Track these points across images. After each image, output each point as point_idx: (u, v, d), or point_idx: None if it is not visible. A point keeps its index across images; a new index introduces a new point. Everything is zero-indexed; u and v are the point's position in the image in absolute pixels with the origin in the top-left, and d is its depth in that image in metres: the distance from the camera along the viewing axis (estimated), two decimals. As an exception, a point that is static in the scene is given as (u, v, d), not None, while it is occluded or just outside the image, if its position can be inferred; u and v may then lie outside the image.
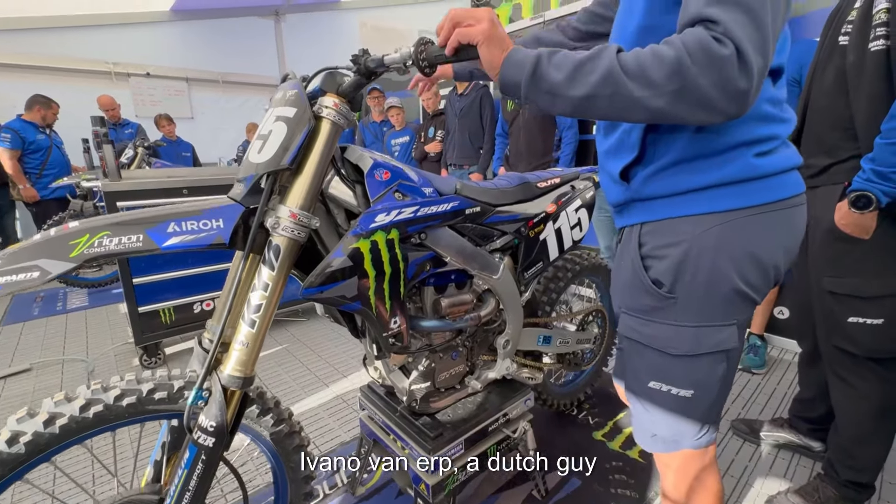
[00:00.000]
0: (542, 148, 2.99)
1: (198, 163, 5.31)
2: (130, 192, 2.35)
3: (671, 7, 0.65)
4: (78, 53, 5.01)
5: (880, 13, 1.11)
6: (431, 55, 0.75)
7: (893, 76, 1.09)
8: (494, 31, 0.68)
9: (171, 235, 0.81)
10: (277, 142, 0.85)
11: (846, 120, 1.21)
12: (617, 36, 0.75)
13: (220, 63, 5.94)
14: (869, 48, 1.14)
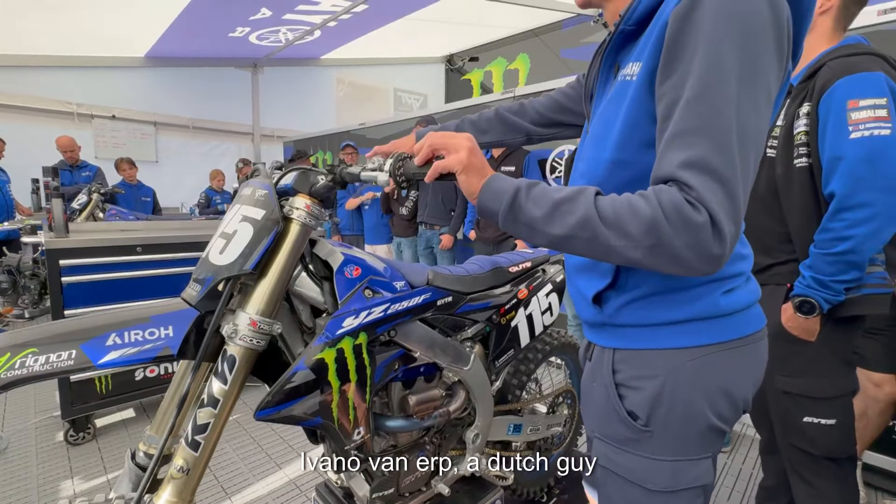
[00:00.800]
0: (510, 214, 3.06)
1: (157, 208, 5.10)
2: (77, 250, 2.18)
3: (644, 147, 0.67)
4: (40, 93, 4.85)
5: (800, 134, 1.21)
6: (409, 172, 0.74)
7: (818, 191, 1.18)
8: (472, 161, 0.68)
9: (111, 349, 0.72)
10: (241, 244, 0.80)
11: (781, 224, 1.29)
12: (590, 168, 0.76)
13: (191, 109, 5.88)
14: (794, 164, 1.23)
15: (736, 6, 0.56)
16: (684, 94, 0.57)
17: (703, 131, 0.55)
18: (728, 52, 0.56)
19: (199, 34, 5.01)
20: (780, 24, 0.59)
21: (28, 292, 3.04)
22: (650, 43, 0.64)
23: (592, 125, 0.77)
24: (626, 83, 0.68)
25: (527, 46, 7.30)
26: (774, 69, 0.59)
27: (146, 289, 2.41)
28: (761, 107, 0.58)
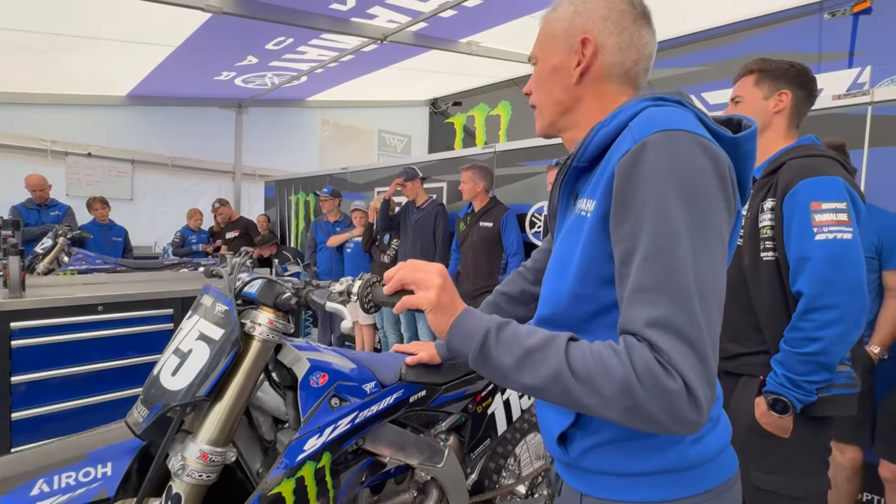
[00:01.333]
0: (487, 270, 3.06)
1: (129, 248, 4.93)
2: (32, 311, 2.06)
3: (602, 283, 0.66)
4: (13, 129, 4.73)
5: (766, 228, 1.25)
6: (378, 298, 0.71)
7: (786, 285, 1.20)
8: (441, 300, 0.65)
9: (37, 499, 0.64)
10: (196, 367, 0.74)
11: (750, 313, 1.30)
12: (551, 299, 0.74)
13: (171, 147, 5.82)
14: (761, 257, 1.26)
15: (677, 165, 0.57)
16: (639, 249, 0.57)
17: (662, 290, 0.55)
18: (676, 212, 0.56)
19: (184, 76, 5.03)
20: (722, 176, 0.60)
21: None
22: (601, 185, 0.64)
23: (554, 253, 0.77)
24: (583, 218, 0.68)
25: (508, 94, 7.56)
26: (724, 219, 0.60)
27: (104, 350, 2.28)
28: (717, 258, 0.58)
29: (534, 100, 0.80)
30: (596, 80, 0.73)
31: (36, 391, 2.11)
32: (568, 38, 0.73)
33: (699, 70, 5.13)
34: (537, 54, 0.78)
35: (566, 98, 0.75)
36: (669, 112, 0.62)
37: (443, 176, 3.87)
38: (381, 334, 4.08)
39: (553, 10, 0.78)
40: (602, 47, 0.71)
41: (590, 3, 0.73)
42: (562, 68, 0.73)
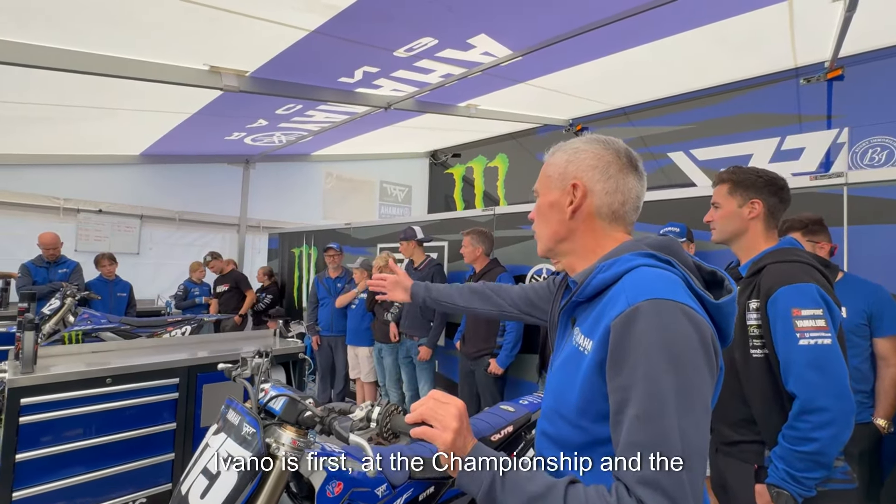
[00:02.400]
0: (485, 332, 3.12)
1: (133, 303, 4.98)
2: (39, 388, 2.09)
3: (600, 419, 0.73)
4: (27, 188, 4.91)
5: (753, 327, 1.33)
6: (397, 427, 0.77)
7: (777, 379, 1.26)
8: (455, 443, 0.72)
9: None
10: (224, 492, 0.79)
11: (744, 404, 1.35)
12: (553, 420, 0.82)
13: (178, 202, 6.00)
14: (751, 354, 1.33)
15: (665, 334, 0.66)
16: (631, 405, 0.65)
17: (653, 451, 0.62)
18: (664, 378, 0.64)
19: (195, 137, 5.27)
20: (705, 343, 0.68)
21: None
22: (598, 332, 0.73)
23: (554, 375, 0.86)
24: (580, 354, 0.77)
25: (505, 147, 7.87)
26: (707, 382, 0.68)
27: (113, 422, 2.30)
28: (701, 422, 0.66)
29: (534, 227, 0.94)
30: (587, 217, 0.85)
31: (41, 468, 2.10)
32: (562, 181, 0.87)
33: (689, 128, 5.41)
34: (538, 189, 0.92)
35: (562, 230, 0.87)
36: (660, 278, 0.72)
37: (444, 235, 3.99)
38: (383, 391, 4.06)
39: (552, 155, 0.93)
40: (591, 191, 0.84)
41: (581, 153, 0.87)
42: (557, 205, 0.87)
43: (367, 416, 0.81)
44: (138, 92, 3.45)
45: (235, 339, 3.34)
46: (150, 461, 2.43)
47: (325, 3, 2.24)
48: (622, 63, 3.94)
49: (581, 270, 0.84)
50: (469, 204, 8.40)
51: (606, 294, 0.75)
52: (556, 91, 4.79)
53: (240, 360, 1.09)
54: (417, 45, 2.97)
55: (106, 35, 2.56)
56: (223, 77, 3.13)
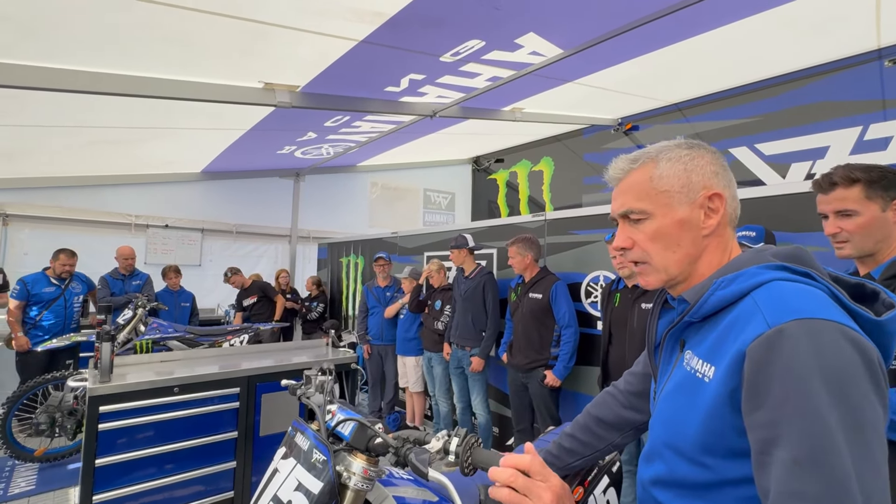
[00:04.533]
0: (538, 343, 2.97)
1: (195, 312, 5.26)
2: (115, 396, 2.21)
3: (731, 456, 0.63)
4: (104, 207, 5.32)
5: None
6: (479, 462, 0.70)
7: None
8: None
9: None
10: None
11: None
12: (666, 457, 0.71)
13: (235, 215, 6.30)
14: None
15: (823, 360, 0.54)
16: (783, 445, 0.54)
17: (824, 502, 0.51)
18: (827, 412, 0.53)
19: (250, 153, 5.51)
20: (873, 370, 0.56)
21: (64, 432, 3.06)
22: (726, 358, 0.63)
23: (663, 405, 0.76)
24: (698, 381, 0.67)
25: (550, 150, 7.68)
26: (880, 416, 0.55)
27: (179, 430, 2.38)
28: (880, 462, 0.53)
29: (642, 255, 0.79)
30: (721, 229, 0.76)
31: (117, 473, 2.20)
32: (689, 193, 0.75)
33: (752, 121, 5.02)
34: (646, 209, 0.77)
35: (694, 250, 0.76)
36: (803, 293, 0.61)
37: (492, 242, 3.90)
38: (433, 402, 4.01)
39: (642, 166, 0.79)
40: (725, 199, 0.76)
41: (697, 159, 0.77)
42: (689, 222, 0.75)
43: (444, 448, 0.74)
44: (197, 112, 3.64)
45: (290, 349, 3.41)
46: (214, 469, 2.50)
47: (373, 11, 2.25)
48: (675, 56, 3.70)
49: (691, 288, 0.74)
50: (513, 209, 8.26)
51: (729, 313, 0.66)
52: (604, 89, 4.59)
53: (304, 377, 1.06)
54: (464, 49, 2.92)
55: (166, 59, 2.70)
56: (276, 94, 3.23)
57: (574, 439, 1.04)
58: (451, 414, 3.88)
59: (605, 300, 2.60)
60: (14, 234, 4.85)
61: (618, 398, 1.04)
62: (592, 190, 7.00)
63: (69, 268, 4.17)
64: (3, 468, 3.53)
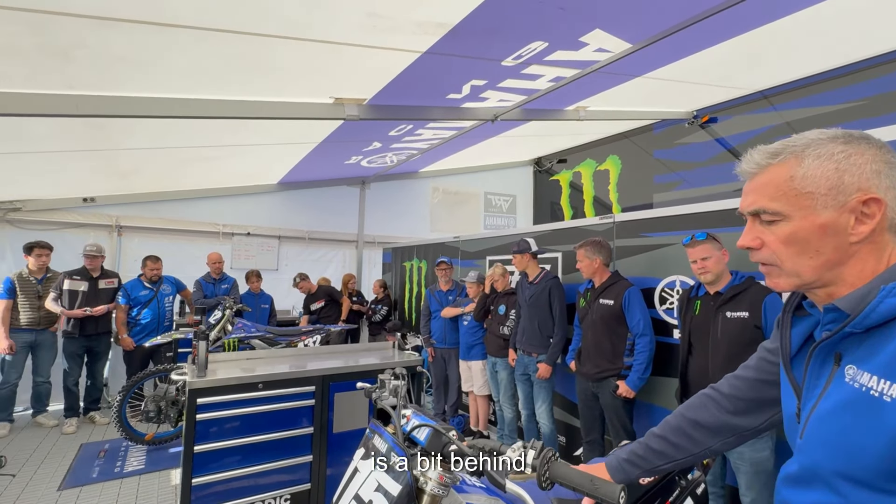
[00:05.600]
0: (609, 351, 2.83)
1: (273, 313, 5.67)
2: (210, 389, 2.44)
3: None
4: (194, 217, 5.92)
5: None
6: (556, 477, 0.69)
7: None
8: None
9: None
10: (376, 523, 0.79)
11: None
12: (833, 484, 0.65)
13: (307, 222, 6.72)
14: None
15: None
16: None
17: None
18: None
19: (321, 164, 5.85)
20: None
21: (168, 419, 3.45)
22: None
23: (819, 427, 0.69)
24: (874, 400, 0.61)
25: (616, 148, 7.35)
26: None
27: (262, 423, 2.58)
28: None
29: (770, 258, 0.73)
30: (876, 235, 0.68)
31: (211, 459, 2.43)
32: (838, 196, 0.68)
33: (856, 106, 4.47)
34: (782, 211, 0.71)
35: (837, 256, 0.69)
36: None
37: (557, 246, 3.81)
38: (497, 407, 3.98)
39: (782, 163, 0.72)
40: (884, 204, 0.67)
41: (854, 157, 0.68)
42: (833, 227, 0.68)
43: (520, 460, 0.74)
44: (274, 129, 3.94)
45: (358, 351, 3.56)
46: (293, 461, 2.67)
47: (437, 22, 2.29)
48: (758, 40, 3.39)
49: (845, 295, 0.67)
50: (577, 211, 7.99)
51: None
52: (677, 81, 4.31)
53: (378, 381, 1.11)
54: (526, 52, 2.89)
55: (250, 83, 2.95)
56: (345, 107, 3.40)
57: (664, 441, 0.96)
58: (515, 420, 3.83)
59: (683, 307, 2.43)
60: (127, 244, 5.55)
61: (721, 403, 0.95)
62: (664, 189, 6.58)
63: (156, 271, 4.74)
64: (119, 449, 4.03)
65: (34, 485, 3.36)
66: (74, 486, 3.35)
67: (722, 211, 2.62)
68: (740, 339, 2.09)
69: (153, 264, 4.73)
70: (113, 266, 5.31)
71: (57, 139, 3.46)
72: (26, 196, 4.99)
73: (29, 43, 2.02)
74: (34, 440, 4.18)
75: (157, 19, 1.98)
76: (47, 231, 5.05)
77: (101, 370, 4.76)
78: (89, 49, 2.15)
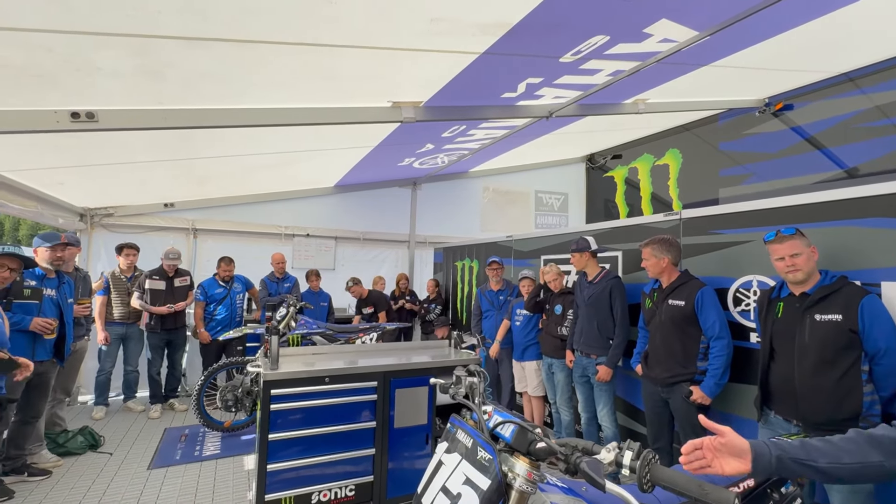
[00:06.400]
0: (681, 355, 2.69)
1: (331, 311, 5.91)
2: (282, 381, 2.59)
3: None
4: (258, 220, 6.29)
5: None
6: (658, 479, 0.67)
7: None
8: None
9: None
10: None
11: None
12: None
13: (362, 223, 6.95)
14: None
15: None
16: None
17: None
18: None
19: (375, 166, 6.03)
20: None
21: (244, 408, 3.70)
22: None
23: None
24: None
25: (677, 141, 6.98)
26: None
27: (329, 416, 2.70)
28: None
29: None
30: None
31: (284, 447, 2.58)
32: None
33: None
34: None
35: None
36: None
37: (617, 245, 3.68)
38: (553, 409, 3.91)
39: None
40: None
41: None
42: None
43: (616, 460, 0.73)
44: (332, 134, 4.10)
45: (415, 349, 3.63)
46: (357, 453, 2.77)
47: (497, 22, 2.29)
48: (838, 22, 3.09)
49: None
50: (634, 208, 7.67)
51: None
52: (746, 68, 4.03)
53: (454, 378, 1.13)
54: (585, 47, 2.82)
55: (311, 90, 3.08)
56: (402, 110, 3.48)
57: (828, 442, 0.89)
58: (573, 423, 3.74)
59: (763, 309, 2.26)
60: (201, 245, 6.01)
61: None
62: (731, 182, 6.17)
63: (229, 272, 5.10)
64: (198, 434, 4.37)
65: (128, 463, 3.72)
66: (161, 467, 3.68)
67: (804, 205, 2.42)
68: (833, 345, 1.92)
69: (227, 265, 5.09)
70: (189, 265, 5.76)
71: (147, 151, 3.81)
72: (117, 203, 5.54)
73: (129, 65, 2.24)
74: (126, 423, 4.62)
75: (238, 37, 2.13)
76: (134, 234, 5.58)
77: (179, 361, 5.18)
78: (178, 67, 2.36)
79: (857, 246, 2.19)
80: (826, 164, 5.00)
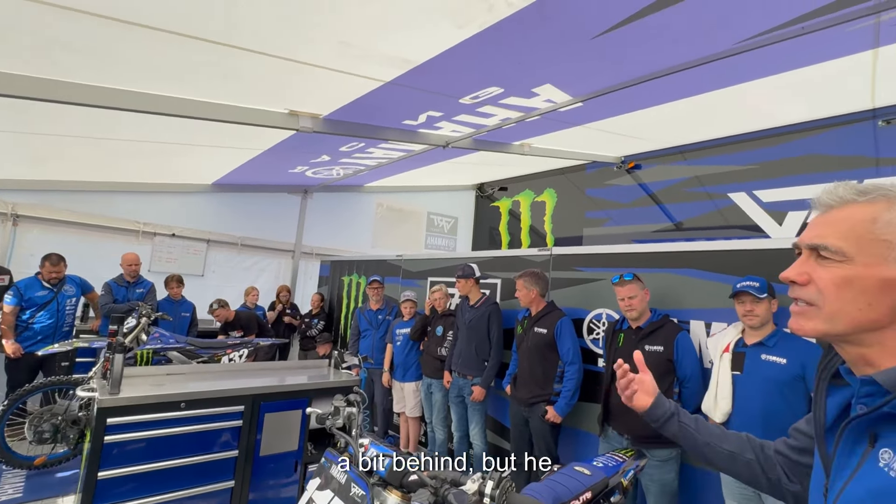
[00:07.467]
0: (541, 378, 3.02)
1: (195, 323, 5.26)
2: (123, 409, 2.23)
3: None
4: (110, 213, 5.38)
5: None
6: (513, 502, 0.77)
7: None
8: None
9: None
10: (335, 555, 0.81)
11: None
12: None
13: (241, 227, 6.37)
14: None
15: None
16: None
17: None
18: None
19: (263, 170, 5.63)
20: None
21: (66, 441, 3.04)
22: None
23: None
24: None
25: (553, 182, 7.87)
26: None
27: (181, 446, 2.40)
28: None
29: (813, 297, 0.66)
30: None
31: (118, 485, 2.21)
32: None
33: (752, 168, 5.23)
34: (847, 252, 0.63)
35: (888, 317, 0.61)
36: None
37: (497, 273, 3.99)
38: (429, 429, 4.02)
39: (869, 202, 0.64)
40: None
41: None
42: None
43: (479, 490, 0.81)
44: (218, 129, 3.76)
45: (292, 368, 3.44)
46: (213, 487, 2.50)
47: (404, 58, 2.39)
48: (683, 107, 3.90)
49: (888, 369, 0.60)
50: (514, 238, 8.39)
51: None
52: (609, 132, 4.78)
53: (332, 408, 1.12)
54: (483, 94, 3.07)
55: (201, 84, 2.82)
56: (300, 119, 3.35)
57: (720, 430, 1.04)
58: (446, 442, 3.88)
59: (609, 339, 2.68)
60: (22, 235, 4.89)
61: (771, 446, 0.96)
62: (594, 223, 7.15)
63: (56, 274, 4.15)
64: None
65: None
66: (-71, 520, 2.84)
67: (647, 253, 2.94)
68: (656, 371, 2.33)
69: (52, 267, 4.10)
70: (3, 260, 4.65)
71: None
72: None
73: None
74: None
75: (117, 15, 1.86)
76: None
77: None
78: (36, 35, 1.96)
79: (678, 290, 2.72)
80: (662, 217, 6.13)
